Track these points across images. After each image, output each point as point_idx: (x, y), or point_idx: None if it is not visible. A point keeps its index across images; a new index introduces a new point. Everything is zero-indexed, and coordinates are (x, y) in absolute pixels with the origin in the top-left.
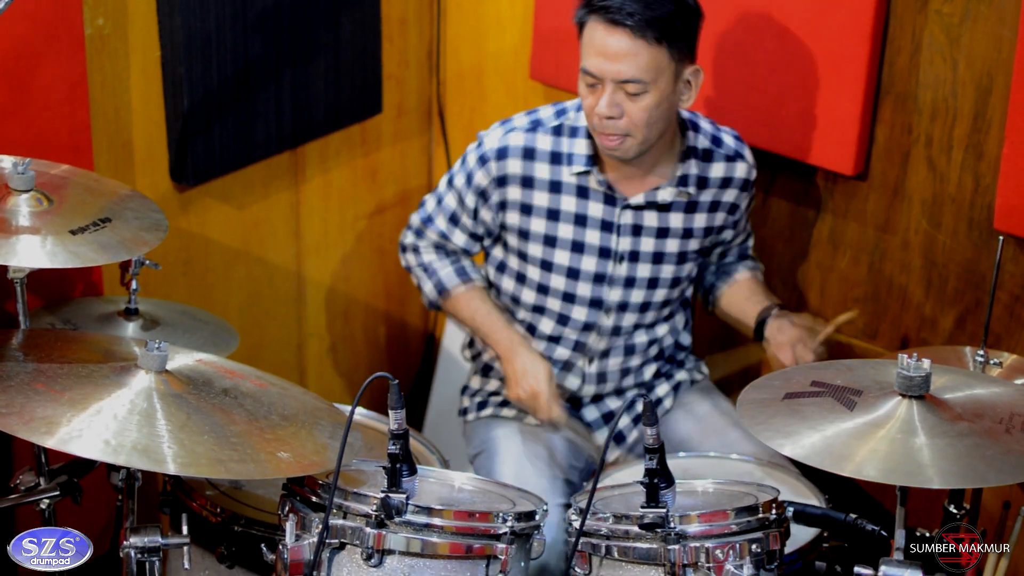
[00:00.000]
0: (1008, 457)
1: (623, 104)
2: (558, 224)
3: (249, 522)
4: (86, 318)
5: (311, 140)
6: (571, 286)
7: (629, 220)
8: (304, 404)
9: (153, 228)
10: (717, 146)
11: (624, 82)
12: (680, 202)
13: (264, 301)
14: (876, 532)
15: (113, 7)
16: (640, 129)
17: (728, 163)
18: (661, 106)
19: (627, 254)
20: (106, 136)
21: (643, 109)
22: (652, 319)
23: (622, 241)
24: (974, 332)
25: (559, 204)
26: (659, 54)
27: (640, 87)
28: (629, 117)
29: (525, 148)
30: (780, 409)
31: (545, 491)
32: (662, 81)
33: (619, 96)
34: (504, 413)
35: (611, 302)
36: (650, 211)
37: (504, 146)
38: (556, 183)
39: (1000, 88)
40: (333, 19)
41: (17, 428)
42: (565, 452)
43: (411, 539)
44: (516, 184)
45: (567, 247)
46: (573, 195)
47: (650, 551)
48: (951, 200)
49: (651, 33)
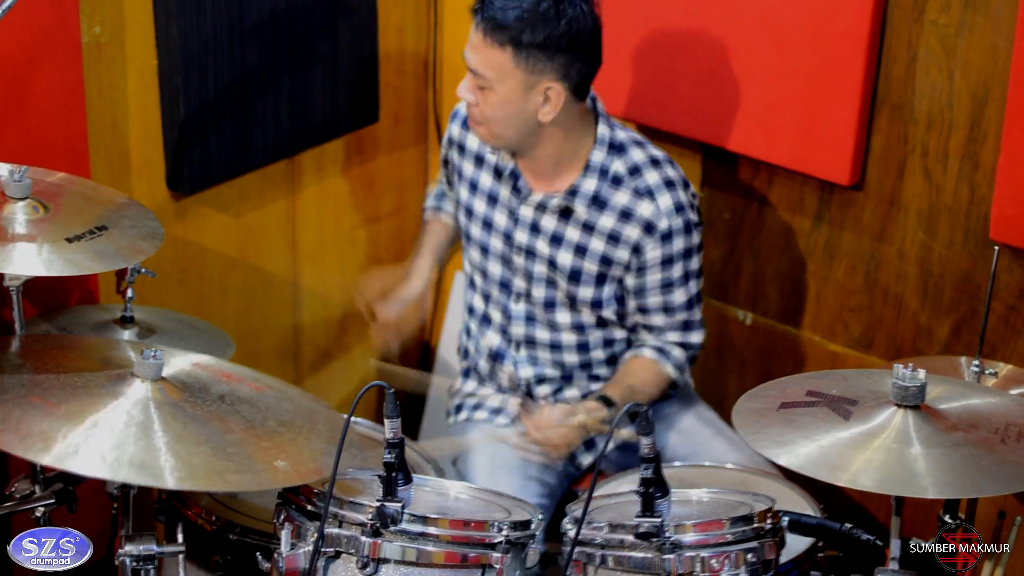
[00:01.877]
0: (1003, 467)
1: (476, 93)
2: (474, 197)
3: (244, 530)
4: (82, 326)
5: (308, 148)
6: (483, 263)
7: (529, 216)
8: (301, 407)
9: (149, 236)
10: (632, 175)
11: (475, 73)
12: (579, 219)
13: (260, 309)
14: (871, 542)
15: (110, 15)
16: (491, 122)
17: (634, 196)
18: (506, 108)
19: (524, 248)
20: (103, 144)
21: (489, 104)
22: (570, 321)
23: (519, 233)
24: (970, 342)
25: (478, 178)
26: (503, 57)
27: (485, 82)
28: (480, 107)
29: (465, 117)
30: (775, 419)
31: (518, 491)
32: (507, 84)
33: (473, 83)
34: (476, 416)
35: (518, 289)
36: (550, 215)
37: (457, 110)
38: (480, 157)
39: (996, 98)
40: (330, 28)
41: (13, 445)
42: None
43: (407, 548)
44: (455, 148)
45: (479, 223)
46: (491, 174)
47: (645, 560)
48: (947, 210)
49: (498, 36)
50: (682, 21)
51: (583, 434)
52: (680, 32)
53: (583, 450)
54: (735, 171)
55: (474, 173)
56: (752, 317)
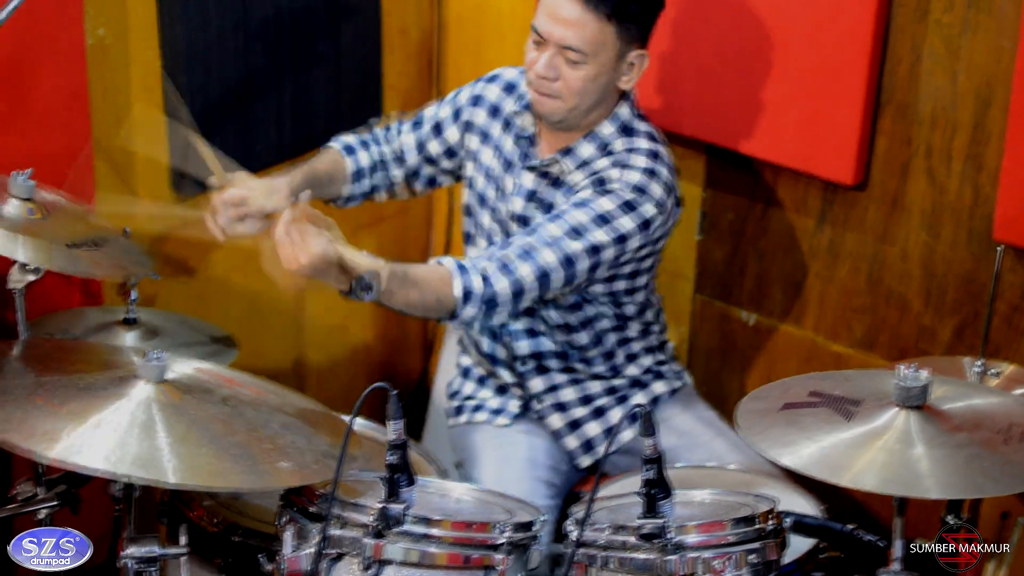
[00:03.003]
0: (1007, 468)
1: (560, 68)
2: (495, 160)
3: (247, 532)
4: (85, 328)
5: (311, 150)
6: (492, 228)
7: (528, 184)
8: (303, 411)
9: (138, 264)
10: (625, 152)
11: (566, 48)
12: (568, 185)
13: (263, 311)
14: (874, 543)
15: (114, 17)
16: (571, 96)
17: (612, 165)
18: (597, 80)
19: (518, 216)
20: (107, 146)
21: (578, 79)
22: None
23: (516, 201)
24: (973, 342)
25: (502, 142)
26: (606, 30)
27: (580, 57)
28: (564, 81)
29: (509, 82)
30: (778, 419)
31: (527, 493)
32: (603, 56)
33: (558, 60)
34: (478, 418)
35: None
36: (546, 183)
37: (498, 74)
38: (508, 122)
39: (1000, 99)
40: (333, 29)
41: (18, 443)
42: (547, 455)
43: (409, 549)
44: (485, 109)
45: (494, 187)
46: (512, 138)
47: (648, 562)
48: (950, 210)
49: (603, 8)
50: (686, 21)
51: (333, 271)
52: (684, 32)
53: (581, 452)
54: (739, 171)
55: (500, 137)
56: (755, 318)
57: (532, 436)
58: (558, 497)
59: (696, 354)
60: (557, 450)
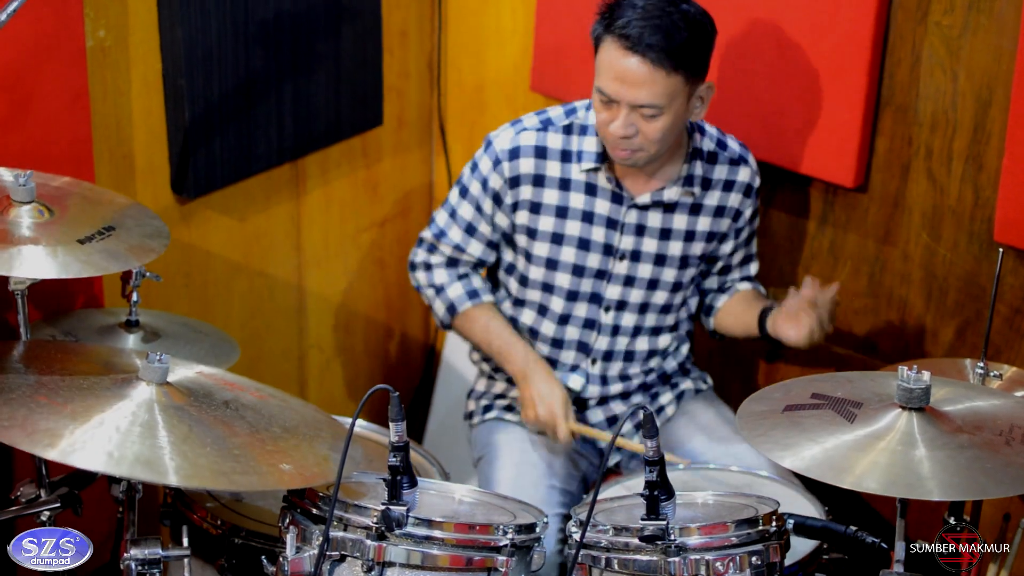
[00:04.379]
0: (1008, 469)
1: (638, 123)
2: (566, 221)
3: (249, 534)
4: (87, 330)
5: (312, 152)
6: (575, 283)
7: (633, 219)
8: (304, 416)
9: (155, 235)
10: (722, 149)
11: (640, 107)
12: (685, 204)
13: (265, 313)
14: (876, 544)
15: (115, 19)
16: (653, 144)
17: (731, 166)
18: (675, 125)
19: (629, 252)
20: (107, 148)
21: (658, 130)
22: (652, 324)
23: (625, 239)
24: (974, 344)
25: (568, 201)
26: (675, 81)
27: (655, 111)
28: (643, 135)
29: (537, 147)
30: (780, 421)
31: (542, 500)
32: (677, 104)
33: (634, 117)
34: (508, 417)
35: (610, 299)
36: (655, 211)
37: (516, 146)
38: (566, 180)
39: (1000, 100)
40: (334, 31)
41: (20, 440)
42: (565, 461)
43: (411, 551)
44: (528, 183)
45: (574, 243)
46: (582, 192)
47: (650, 563)
48: (951, 212)
49: (668, 63)
50: None
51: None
52: None
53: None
54: None
55: (561, 198)
56: None
57: (554, 443)
58: (571, 506)
59: (698, 356)
60: (578, 458)
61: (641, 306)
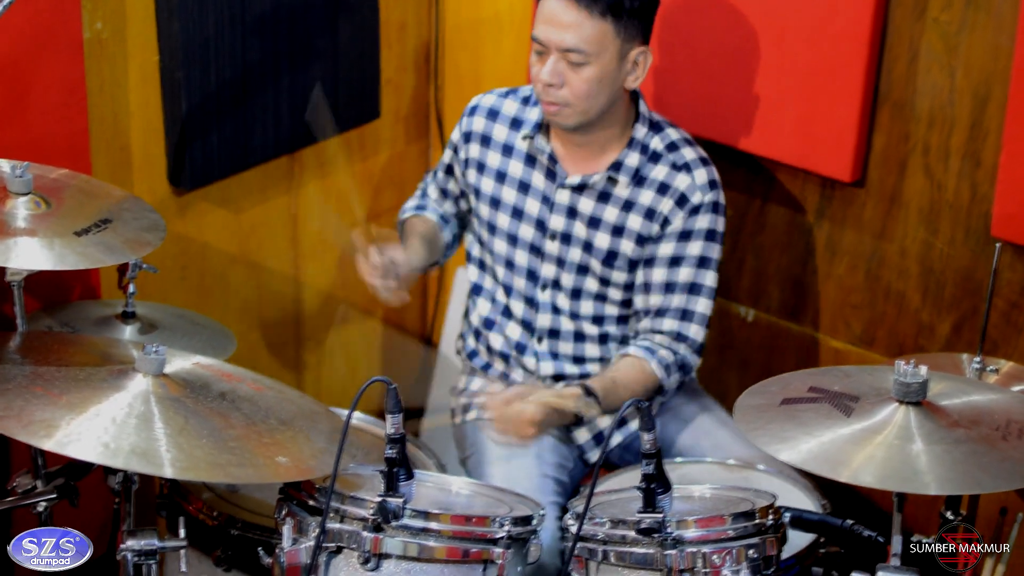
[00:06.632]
0: (1004, 464)
1: (565, 73)
2: (503, 187)
3: (246, 526)
4: (84, 321)
5: (309, 145)
6: (510, 253)
7: (565, 200)
8: (301, 408)
9: (152, 228)
10: (670, 151)
11: (567, 51)
12: (619, 197)
13: (261, 305)
14: (873, 538)
15: (112, 11)
16: (580, 100)
17: (672, 170)
18: (603, 80)
19: (559, 234)
20: (104, 140)
21: (584, 80)
22: (591, 312)
23: (555, 219)
24: (971, 339)
25: (507, 168)
26: (604, 28)
27: (582, 57)
28: (570, 87)
29: (491, 109)
30: (777, 415)
31: (535, 491)
32: (605, 56)
33: (561, 65)
34: (487, 414)
35: (546, 278)
36: (588, 197)
37: (477, 104)
38: (509, 147)
39: (997, 96)
40: (331, 24)
41: (16, 431)
42: (554, 452)
43: (408, 543)
44: (477, 142)
45: (508, 211)
46: (522, 161)
47: (647, 556)
48: (948, 208)
49: (598, 7)
50: (683, 18)
51: (555, 418)
52: (681, 29)
53: (592, 445)
54: (737, 168)
55: (502, 163)
56: (754, 313)
57: (544, 435)
58: (566, 495)
59: None
60: (565, 447)
61: (574, 291)
